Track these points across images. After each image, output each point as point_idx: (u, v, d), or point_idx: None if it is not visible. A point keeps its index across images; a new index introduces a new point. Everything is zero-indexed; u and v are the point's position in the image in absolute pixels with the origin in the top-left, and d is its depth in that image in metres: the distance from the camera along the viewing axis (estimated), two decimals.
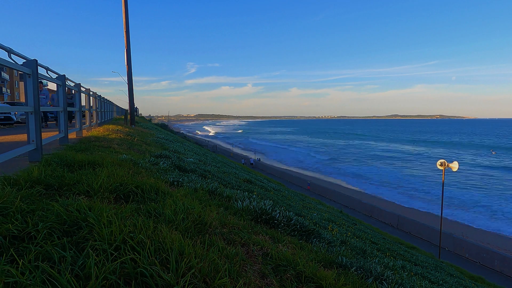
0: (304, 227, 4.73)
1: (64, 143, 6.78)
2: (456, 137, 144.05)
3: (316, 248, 4.05)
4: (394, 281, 3.55)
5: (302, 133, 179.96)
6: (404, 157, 73.09)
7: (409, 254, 11.09)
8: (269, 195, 8.47)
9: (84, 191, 3.24)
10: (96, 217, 2.28)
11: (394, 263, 5.67)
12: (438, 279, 7.24)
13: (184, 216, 2.95)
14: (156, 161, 6.58)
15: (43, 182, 3.27)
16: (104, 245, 1.88)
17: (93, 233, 2.07)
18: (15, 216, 2.15)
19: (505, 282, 19.57)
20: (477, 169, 57.45)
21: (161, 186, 3.92)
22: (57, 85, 6.94)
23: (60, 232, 2.10)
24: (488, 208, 34.59)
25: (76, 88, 8.89)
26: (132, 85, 17.60)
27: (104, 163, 4.56)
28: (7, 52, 4.48)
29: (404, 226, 28.22)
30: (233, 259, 2.51)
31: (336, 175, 52.11)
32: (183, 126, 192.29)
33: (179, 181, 5.08)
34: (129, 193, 3.49)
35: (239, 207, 4.54)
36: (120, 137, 9.66)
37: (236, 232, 3.34)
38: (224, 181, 7.59)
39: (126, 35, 16.73)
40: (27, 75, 4.70)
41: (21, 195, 2.63)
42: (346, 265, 3.54)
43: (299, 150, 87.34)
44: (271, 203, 5.05)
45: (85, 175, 3.64)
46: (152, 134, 16.11)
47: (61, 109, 6.77)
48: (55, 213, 2.30)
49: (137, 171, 4.85)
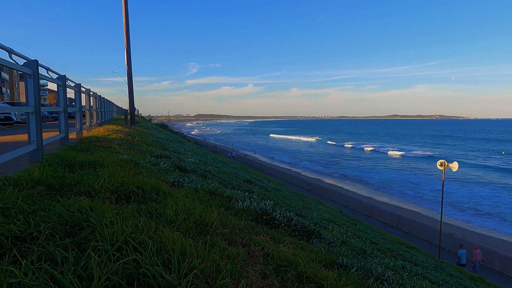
0: (305, 228, 4.73)
1: (64, 143, 6.78)
2: (471, 136, 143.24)
3: (317, 249, 4.05)
4: (394, 281, 3.56)
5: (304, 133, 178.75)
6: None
7: (409, 254, 11.09)
8: (269, 195, 8.47)
9: (85, 191, 3.25)
10: (98, 217, 2.28)
11: (395, 264, 5.68)
12: (439, 280, 7.25)
13: (185, 217, 2.95)
14: (156, 161, 6.58)
15: (44, 183, 3.27)
16: (106, 245, 1.89)
17: (95, 234, 2.07)
18: (17, 216, 2.15)
19: (505, 282, 19.58)
20: (490, 170, 57.04)
21: (162, 187, 3.93)
22: (58, 86, 6.94)
23: (62, 232, 2.10)
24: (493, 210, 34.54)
25: (76, 88, 8.89)
26: (132, 85, 17.60)
27: (105, 163, 4.56)
28: (8, 53, 4.48)
29: (404, 226, 28.23)
30: (235, 259, 2.51)
31: (337, 176, 52.07)
32: (183, 126, 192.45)
33: (179, 182, 5.08)
34: (130, 194, 3.49)
35: (239, 207, 4.54)
36: (120, 137, 9.66)
37: (237, 233, 3.34)
38: (224, 181, 7.60)
39: (126, 35, 16.73)
40: (28, 76, 4.71)
41: (23, 195, 2.63)
42: (347, 265, 3.55)
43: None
44: (271, 204, 5.05)
45: (86, 176, 3.64)
46: (152, 134, 16.12)
47: (62, 109, 6.78)
48: (57, 213, 2.31)
49: (138, 172, 4.85)
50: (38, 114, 4.76)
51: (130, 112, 18.05)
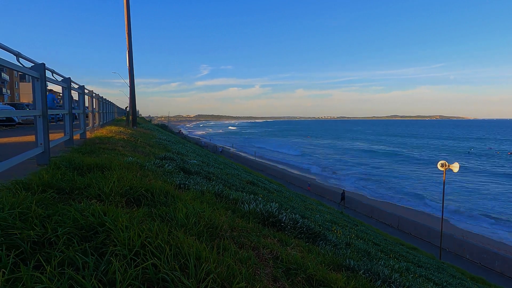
0: (310, 230, 4.76)
1: (69, 146, 6.80)
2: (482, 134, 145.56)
3: (324, 251, 4.08)
4: (401, 284, 3.59)
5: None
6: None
7: (411, 255, 11.12)
8: (273, 197, 8.51)
9: (96, 195, 3.27)
10: (113, 222, 2.31)
11: (399, 266, 5.71)
12: (442, 281, 7.27)
13: (196, 220, 2.98)
14: (161, 163, 6.61)
15: (55, 186, 3.30)
16: (124, 250, 1.91)
17: (111, 238, 2.10)
18: (33, 221, 2.18)
19: (505, 283, 19.62)
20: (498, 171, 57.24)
21: (170, 190, 3.95)
22: (63, 88, 6.97)
23: (78, 237, 2.12)
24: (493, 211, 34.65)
25: (80, 90, 8.92)
26: (134, 86, 17.63)
27: (112, 166, 4.59)
28: (15, 56, 4.51)
29: (405, 227, 28.27)
30: (246, 263, 2.54)
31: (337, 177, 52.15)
32: (183, 127, 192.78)
33: (185, 184, 5.11)
34: (139, 197, 3.52)
35: (246, 210, 4.57)
36: (123, 139, 9.69)
37: (245, 236, 3.37)
38: (228, 183, 7.63)
39: (128, 36, 16.76)
40: (35, 79, 4.74)
41: (36, 199, 2.66)
42: (354, 268, 3.58)
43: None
44: (277, 206, 5.08)
45: (95, 179, 3.67)
46: (154, 135, 16.14)
47: (67, 112, 6.80)
48: (72, 218, 2.33)
49: (144, 174, 4.87)
50: (45, 117, 4.79)
51: (132, 113, 18.07)
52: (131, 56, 17.03)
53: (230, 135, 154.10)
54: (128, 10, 16.68)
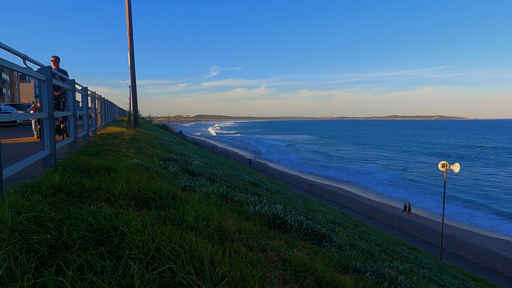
0: (316, 231, 4.78)
1: (74, 147, 6.83)
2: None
3: (329, 253, 4.10)
4: (407, 286, 3.62)
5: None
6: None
7: (413, 256, 11.15)
8: (276, 198, 8.54)
9: (105, 197, 3.29)
10: (125, 225, 2.34)
11: (404, 267, 5.74)
12: (445, 282, 7.30)
13: (205, 223, 3.00)
14: (165, 165, 6.63)
15: (64, 189, 3.32)
16: (140, 254, 1.94)
17: (126, 242, 2.12)
18: (48, 225, 2.20)
19: (506, 283, 19.66)
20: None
21: (177, 192, 3.97)
22: (67, 90, 7.00)
23: (92, 241, 2.15)
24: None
25: (83, 92, 8.95)
26: (135, 86, 17.65)
27: (119, 168, 4.61)
28: (22, 59, 4.54)
29: (405, 228, 28.31)
30: (256, 265, 2.57)
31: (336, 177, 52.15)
32: (183, 127, 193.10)
33: (191, 186, 5.13)
34: (148, 199, 3.54)
35: (251, 212, 4.59)
36: (126, 140, 9.71)
37: (253, 238, 3.39)
38: (231, 184, 7.65)
39: (130, 37, 16.78)
40: (42, 82, 4.76)
41: (48, 203, 2.69)
42: (361, 270, 3.60)
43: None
44: (282, 208, 5.10)
45: (104, 182, 3.69)
46: (156, 136, 16.17)
47: (71, 113, 6.83)
48: (85, 221, 2.36)
49: (150, 176, 4.90)
50: (52, 120, 4.81)
51: (134, 114, 18.09)
52: (132, 57, 17.05)
53: (219, 137, 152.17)
54: (130, 13, 16.70)
